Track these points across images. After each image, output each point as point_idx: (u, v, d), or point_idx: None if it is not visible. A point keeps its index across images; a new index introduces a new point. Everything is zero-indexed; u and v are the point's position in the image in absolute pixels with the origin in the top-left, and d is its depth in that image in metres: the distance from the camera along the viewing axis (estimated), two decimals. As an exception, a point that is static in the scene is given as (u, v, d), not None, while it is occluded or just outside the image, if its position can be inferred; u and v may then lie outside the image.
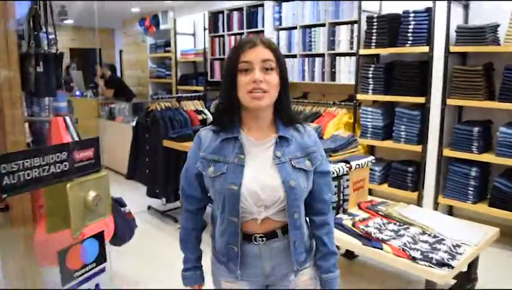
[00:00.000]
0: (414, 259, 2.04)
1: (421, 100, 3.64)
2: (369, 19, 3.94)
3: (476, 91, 3.32)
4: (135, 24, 7.82)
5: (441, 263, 1.98)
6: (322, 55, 4.51)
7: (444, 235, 2.30)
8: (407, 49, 3.72)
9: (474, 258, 2.29)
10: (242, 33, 5.45)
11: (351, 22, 4.22)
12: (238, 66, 1.22)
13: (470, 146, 3.40)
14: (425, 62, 3.62)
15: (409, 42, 3.69)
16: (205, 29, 6.14)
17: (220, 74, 5.86)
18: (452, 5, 3.38)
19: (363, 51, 4.02)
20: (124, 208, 2.48)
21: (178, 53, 6.81)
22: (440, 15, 3.44)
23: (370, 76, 3.98)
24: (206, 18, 6.07)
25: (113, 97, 6.36)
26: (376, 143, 4.07)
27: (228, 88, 1.25)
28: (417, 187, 3.80)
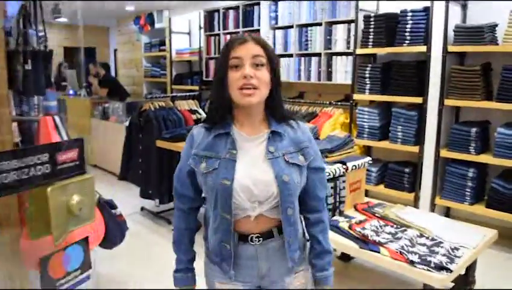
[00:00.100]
0: (412, 263, 2.00)
1: (419, 100, 3.60)
2: (366, 18, 3.90)
3: (474, 91, 3.29)
4: (130, 23, 7.75)
5: (440, 267, 1.94)
6: (319, 54, 4.46)
7: (442, 237, 2.26)
8: (404, 48, 3.68)
9: (472, 261, 2.25)
10: (238, 32, 5.38)
11: (348, 21, 4.18)
12: (229, 63, 1.21)
13: (468, 147, 3.36)
14: (422, 62, 3.58)
15: (407, 42, 3.65)
16: (200, 28, 6.07)
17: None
18: (450, 5, 3.35)
19: (360, 51, 3.98)
20: (115, 210, 2.43)
21: (173, 52, 6.74)
22: (438, 14, 3.41)
23: (367, 76, 3.93)
24: (202, 17, 5.99)
25: (106, 96, 6.29)
26: (372, 143, 4.03)
27: (219, 85, 1.24)
28: (414, 188, 3.76)
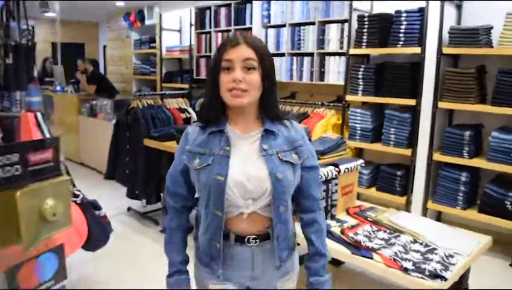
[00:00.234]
0: (406, 270, 1.93)
1: (412, 102, 3.55)
2: (360, 18, 3.84)
3: (468, 94, 3.24)
4: (120, 19, 7.60)
5: (434, 275, 1.88)
6: (311, 54, 4.39)
7: (436, 243, 2.20)
8: (398, 49, 3.63)
9: (467, 268, 2.20)
10: (229, 30, 5.30)
11: (342, 21, 4.12)
12: (221, 64, 1.23)
13: (461, 150, 3.32)
14: (416, 63, 3.53)
15: (401, 43, 3.60)
16: (191, 25, 5.97)
17: (206, 72, 5.71)
18: (445, 5, 3.30)
19: (353, 51, 3.92)
20: (99, 211, 2.35)
21: (163, 49, 6.65)
22: (433, 15, 3.36)
23: (360, 77, 3.88)
24: (193, 14, 5.89)
25: (94, 93, 6.17)
26: (365, 145, 3.97)
27: (212, 86, 1.26)
28: (406, 191, 3.71)
